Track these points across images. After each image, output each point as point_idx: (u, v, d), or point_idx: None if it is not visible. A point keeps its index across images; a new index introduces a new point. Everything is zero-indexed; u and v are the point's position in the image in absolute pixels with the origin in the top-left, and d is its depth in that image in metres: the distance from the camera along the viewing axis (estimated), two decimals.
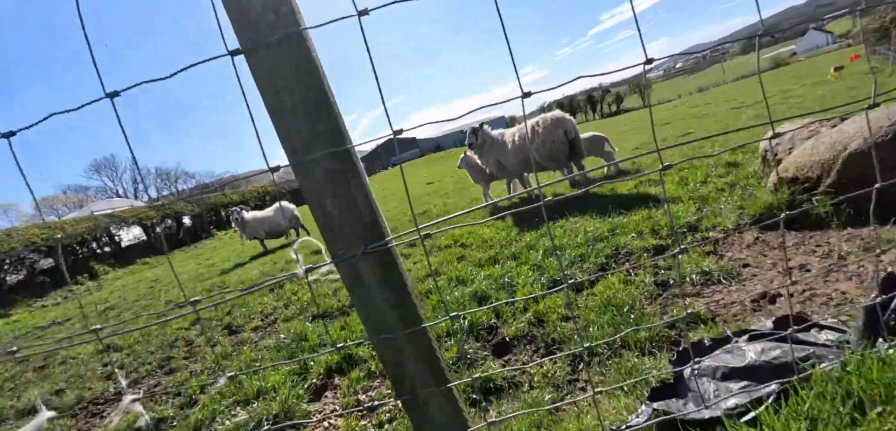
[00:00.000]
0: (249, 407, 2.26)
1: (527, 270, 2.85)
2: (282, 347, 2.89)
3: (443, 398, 0.84)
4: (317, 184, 0.70)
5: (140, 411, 1.56)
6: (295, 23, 0.67)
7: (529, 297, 1.78)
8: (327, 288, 4.05)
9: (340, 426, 1.90)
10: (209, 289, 6.02)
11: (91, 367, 3.80)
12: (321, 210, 0.71)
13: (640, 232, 2.95)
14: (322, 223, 0.73)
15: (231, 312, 4.45)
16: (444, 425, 0.88)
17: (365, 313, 0.77)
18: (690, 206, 3.17)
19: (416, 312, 0.78)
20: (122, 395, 2.98)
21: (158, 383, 3.10)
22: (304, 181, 0.71)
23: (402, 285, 0.76)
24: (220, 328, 3.99)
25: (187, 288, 7.03)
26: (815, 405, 0.91)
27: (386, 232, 0.74)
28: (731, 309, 1.88)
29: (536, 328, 2.17)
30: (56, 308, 9.03)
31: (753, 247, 2.40)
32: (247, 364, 2.86)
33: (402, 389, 0.83)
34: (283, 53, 0.67)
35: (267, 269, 6.40)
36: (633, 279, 2.37)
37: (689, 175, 4.18)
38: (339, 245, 0.72)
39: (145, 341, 4.41)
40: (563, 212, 4.28)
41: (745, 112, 8.70)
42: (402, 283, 0.76)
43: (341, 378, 2.31)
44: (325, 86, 0.70)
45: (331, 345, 2.74)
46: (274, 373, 2.45)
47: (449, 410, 0.86)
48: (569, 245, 3.07)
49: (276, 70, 0.67)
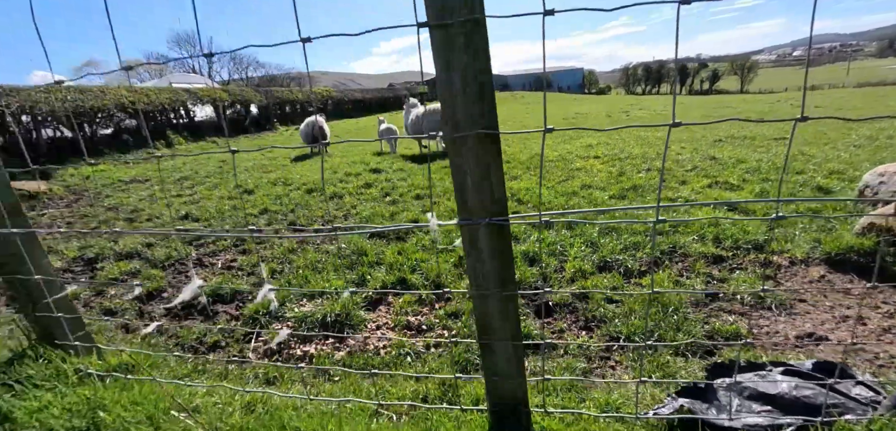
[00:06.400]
0: (314, 302, 2.66)
1: (579, 243, 2.97)
2: (343, 256, 3.26)
3: (512, 350, 1.06)
4: (464, 157, 0.88)
5: (272, 298, 1.92)
6: (479, 10, 0.80)
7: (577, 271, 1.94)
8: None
9: (393, 338, 2.23)
10: (274, 182, 6.59)
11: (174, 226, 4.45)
12: (461, 178, 0.89)
13: (703, 237, 2.94)
14: (459, 189, 0.91)
15: (294, 210, 4.93)
16: (505, 370, 1.10)
17: (473, 271, 0.97)
18: (762, 225, 3.08)
19: (513, 280, 0.97)
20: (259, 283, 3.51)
21: (235, 259, 3.61)
22: (453, 150, 0.88)
23: (509, 257, 0.95)
24: (285, 223, 4.46)
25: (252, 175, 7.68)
26: None
27: (506, 211, 0.91)
28: (774, 338, 1.94)
29: (579, 301, 2.35)
30: (137, 166, 10.19)
31: (816, 284, 2.36)
32: (311, 263, 3.26)
33: (484, 334, 1.05)
34: (462, 36, 0.81)
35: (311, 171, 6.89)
36: (684, 281, 2.44)
37: (772, 189, 3.96)
38: (468, 211, 0.91)
39: (220, 218, 5.02)
40: (625, 196, 4.25)
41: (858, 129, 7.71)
42: (509, 255, 0.95)
43: (394, 298, 2.63)
44: (490, 73, 0.84)
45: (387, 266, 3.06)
46: (336, 278, 2.82)
47: (515, 359, 1.08)
48: (626, 230, 3.12)
49: (453, 49, 0.82)
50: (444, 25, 0.80)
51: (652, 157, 6.02)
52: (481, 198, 0.90)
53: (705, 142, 7.38)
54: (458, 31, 0.80)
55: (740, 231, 2.95)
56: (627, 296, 2.28)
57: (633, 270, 2.64)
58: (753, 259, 2.69)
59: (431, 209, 4.24)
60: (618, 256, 2.77)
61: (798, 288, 2.35)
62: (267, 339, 2.33)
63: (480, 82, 0.83)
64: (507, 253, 0.95)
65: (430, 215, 0.93)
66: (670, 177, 4.79)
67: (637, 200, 4.06)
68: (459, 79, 0.83)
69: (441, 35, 0.82)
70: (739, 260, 2.69)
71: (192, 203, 5.87)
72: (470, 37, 0.81)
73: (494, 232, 0.92)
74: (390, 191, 5.32)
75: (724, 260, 2.71)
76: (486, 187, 0.89)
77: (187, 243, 4.04)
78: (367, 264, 3.06)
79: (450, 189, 5.03)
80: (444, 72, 0.84)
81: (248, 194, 6.07)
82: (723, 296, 2.30)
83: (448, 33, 0.81)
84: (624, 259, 2.75)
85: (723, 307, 2.22)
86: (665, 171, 5.01)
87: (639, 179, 4.72)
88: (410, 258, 3.03)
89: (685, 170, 5.07)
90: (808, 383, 1.34)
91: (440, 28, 0.81)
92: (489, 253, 0.94)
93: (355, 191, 5.43)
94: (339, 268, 3.05)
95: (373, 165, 7.07)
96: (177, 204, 5.92)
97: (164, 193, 6.77)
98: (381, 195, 5.16)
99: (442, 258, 3.00)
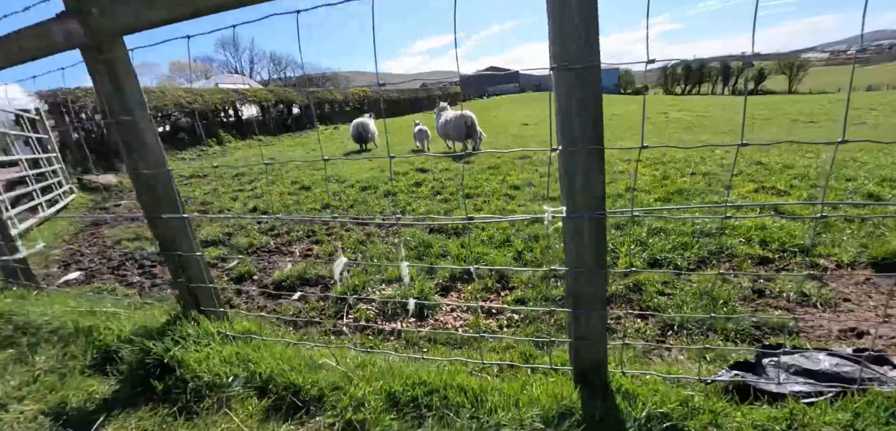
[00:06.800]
0: (392, 286, 3.04)
1: (629, 242, 3.21)
2: (410, 247, 3.64)
3: (599, 317, 1.36)
4: (574, 165, 1.19)
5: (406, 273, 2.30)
6: (596, 59, 1.11)
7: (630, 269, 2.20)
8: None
9: (469, 319, 2.56)
10: (325, 178, 7.09)
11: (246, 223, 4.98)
12: (570, 181, 1.21)
13: (750, 240, 3.12)
14: (566, 190, 1.22)
15: (354, 206, 5.37)
16: (592, 334, 1.41)
17: (574, 254, 1.28)
18: (809, 229, 3.21)
19: (604, 262, 1.28)
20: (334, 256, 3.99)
21: (310, 249, 4.06)
22: (567, 160, 1.20)
23: (603, 243, 1.26)
24: (348, 218, 4.90)
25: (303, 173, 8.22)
26: (862, 406, 1.29)
27: (605, 207, 1.21)
28: (817, 331, 2.14)
29: (633, 293, 2.60)
30: (193, 162, 11.04)
31: (860, 286, 2.52)
32: (379, 253, 3.65)
33: (576, 305, 1.36)
34: (580, 78, 1.12)
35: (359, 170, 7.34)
36: (731, 280, 2.65)
37: (820, 195, 4.04)
38: (573, 207, 1.22)
39: (285, 211, 5.51)
40: (671, 199, 4.42)
41: None
42: (603, 241, 1.26)
43: (463, 285, 2.97)
44: (601, 102, 1.16)
45: (453, 257, 3.41)
46: (410, 267, 3.19)
47: (601, 325, 1.38)
48: (674, 231, 3.33)
49: (572, 88, 1.14)
50: (569, 69, 1.12)
51: (696, 161, 6.10)
52: (586, 197, 1.20)
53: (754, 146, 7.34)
54: (579, 73, 1.12)
55: (787, 234, 3.10)
56: (684, 281, 2.52)
57: (682, 267, 2.86)
58: (799, 261, 2.86)
59: (546, 201, 4.59)
60: (667, 254, 2.99)
61: (843, 289, 2.51)
62: (356, 316, 2.72)
63: (593, 108, 1.15)
64: (602, 240, 1.25)
65: (546, 208, 1.24)
66: (715, 181, 4.90)
67: (683, 202, 4.22)
68: (576, 105, 1.15)
69: (565, 75, 1.14)
70: (785, 262, 2.86)
71: (255, 197, 6.43)
72: (585, 76, 1.13)
73: (595, 224, 1.23)
74: (440, 189, 5.68)
75: (771, 261, 2.88)
76: (589, 188, 1.20)
77: (263, 233, 4.54)
78: (433, 256, 3.41)
79: (497, 190, 5.33)
80: (564, 98, 1.16)
81: (305, 190, 6.59)
82: (769, 294, 2.50)
83: (570, 74, 1.13)
84: (672, 257, 2.97)
85: (769, 303, 2.42)
86: (711, 175, 5.12)
87: (683, 183, 4.86)
88: (473, 251, 3.36)
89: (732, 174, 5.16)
90: (847, 361, 1.57)
91: (566, 70, 1.12)
92: (589, 240, 1.24)
93: (407, 190, 5.83)
94: (408, 258, 3.43)
95: (418, 165, 7.47)
96: (241, 198, 6.51)
97: (227, 187, 7.39)
98: (431, 193, 5.53)
99: (500, 252, 3.32)
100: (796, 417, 1.30)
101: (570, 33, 1.10)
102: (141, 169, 1.90)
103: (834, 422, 1.26)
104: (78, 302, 2.69)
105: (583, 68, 1.11)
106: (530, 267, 3.11)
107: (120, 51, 1.75)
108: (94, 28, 1.63)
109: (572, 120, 1.17)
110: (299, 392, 1.62)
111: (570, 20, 1.09)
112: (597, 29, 1.10)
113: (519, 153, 7.76)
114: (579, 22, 1.08)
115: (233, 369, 1.87)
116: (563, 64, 1.12)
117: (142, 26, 1.62)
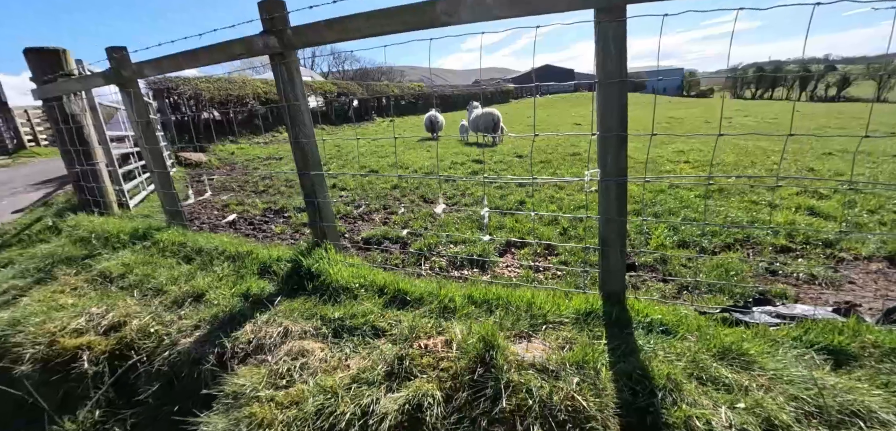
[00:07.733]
0: (458, 247, 3.76)
1: (663, 228, 3.70)
2: (472, 220, 4.34)
3: (620, 254, 1.98)
4: (609, 148, 1.82)
5: (486, 213, 3.00)
6: (624, 77, 1.74)
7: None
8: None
9: (521, 273, 3.22)
10: (391, 164, 7.95)
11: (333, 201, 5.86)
12: (604, 159, 1.84)
13: (776, 232, 3.50)
14: (601, 162, 1.86)
15: (419, 187, 6.15)
16: (615, 267, 2.02)
17: (605, 206, 1.91)
18: (838, 227, 3.52)
19: (625, 212, 1.90)
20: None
21: (387, 217, 4.88)
22: (602, 144, 1.83)
23: (625, 198, 1.88)
24: (416, 196, 5.69)
25: (364, 161, 9.14)
26: (810, 324, 1.81)
27: (626, 174, 1.83)
28: (815, 301, 2.57)
29: (659, 264, 3.14)
30: (267, 146, 12.43)
31: (871, 274, 2.88)
32: (446, 224, 4.39)
33: (604, 245, 1.99)
34: (613, 88, 1.76)
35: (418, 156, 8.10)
36: (750, 261, 3.09)
37: (861, 201, 4.24)
38: (605, 173, 1.85)
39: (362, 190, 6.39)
40: (711, 197, 4.78)
41: None
42: (625, 197, 1.88)
43: (516, 250, 3.63)
44: (625, 107, 1.78)
45: (508, 229, 4.08)
46: (472, 232, 3.90)
47: (621, 260, 2.00)
48: (704, 219, 3.76)
49: (609, 95, 1.77)
50: (612, 83, 1.76)
51: (744, 165, 6.29)
52: (615, 167, 1.83)
53: (813, 153, 7.30)
54: (614, 84, 1.75)
55: (813, 230, 3.45)
56: (706, 260, 3.02)
57: (708, 250, 3.33)
58: (819, 252, 3.22)
59: (588, 168, 5.18)
60: (695, 239, 3.47)
61: (853, 275, 2.89)
62: (431, 264, 3.47)
63: (621, 109, 1.77)
64: (623, 198, 1.88)
65: (587, 172, 1.88)
66: (759, 182, 5.15)
67: (722, 201, 4.58)
68: (610, 105, 1.79)
69: (605, 87, 1.77)
70: (806, 253, 3.24)
71: (331, 177, 7.42)
72: (617, 88, 1.76)
73: (619, 186, 1.85)
74: (495, 178, 6.34)
75: (792, 250, 3.27)
76: (616, 161, 1.83)
77: (346, 205, 5.45)
78: (491, 228, 4.10)
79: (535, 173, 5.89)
80: (602, 100, 1.80)
81: (373, 173, 7.50)
82: (781, 274, 2.93)
83: (608, 86, 1.76)
84: (699, 240, 3.44)
85: (779, 281, 2.86)
86: (757, 180, 5.37)
87: (724, 182, 5.17)
88: (524, 225, 4.01)
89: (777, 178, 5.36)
90: (819, 310, 2.06)
91: (609, 85, 1.76)
92: (614, 196, 1.87)
93: (465, 177, 6.55)
94: (472, 227, 4.14)
95: (474, 156, 8.17)
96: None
97: None
98: (487, 181, 6.21)
99: (550, 227, 3.94)
100: (760, 332, 1.84)
101: (608, 59, 1.74)
102: (300, 137, 2.75)
103: (787, 334, 1.80)
104: (230, 238, 3.66)
105: (616, 82, 1.74)
106: (572, 242, 3.71)
107: (294, 57, 2.59)
108: (286, 43, 2.48)
109: (606, 115, 1.80)
110: (406, 294, 2.37)
111: (608, 50, 1.72)
112: (626, 57, 1.72)
113: (568, 143, 8.20)
114: (615, 53, 1.72)
115: (357, 279, 2.66)
116: (603, 79, 1.76)
117: (317, 44, 2.43)
